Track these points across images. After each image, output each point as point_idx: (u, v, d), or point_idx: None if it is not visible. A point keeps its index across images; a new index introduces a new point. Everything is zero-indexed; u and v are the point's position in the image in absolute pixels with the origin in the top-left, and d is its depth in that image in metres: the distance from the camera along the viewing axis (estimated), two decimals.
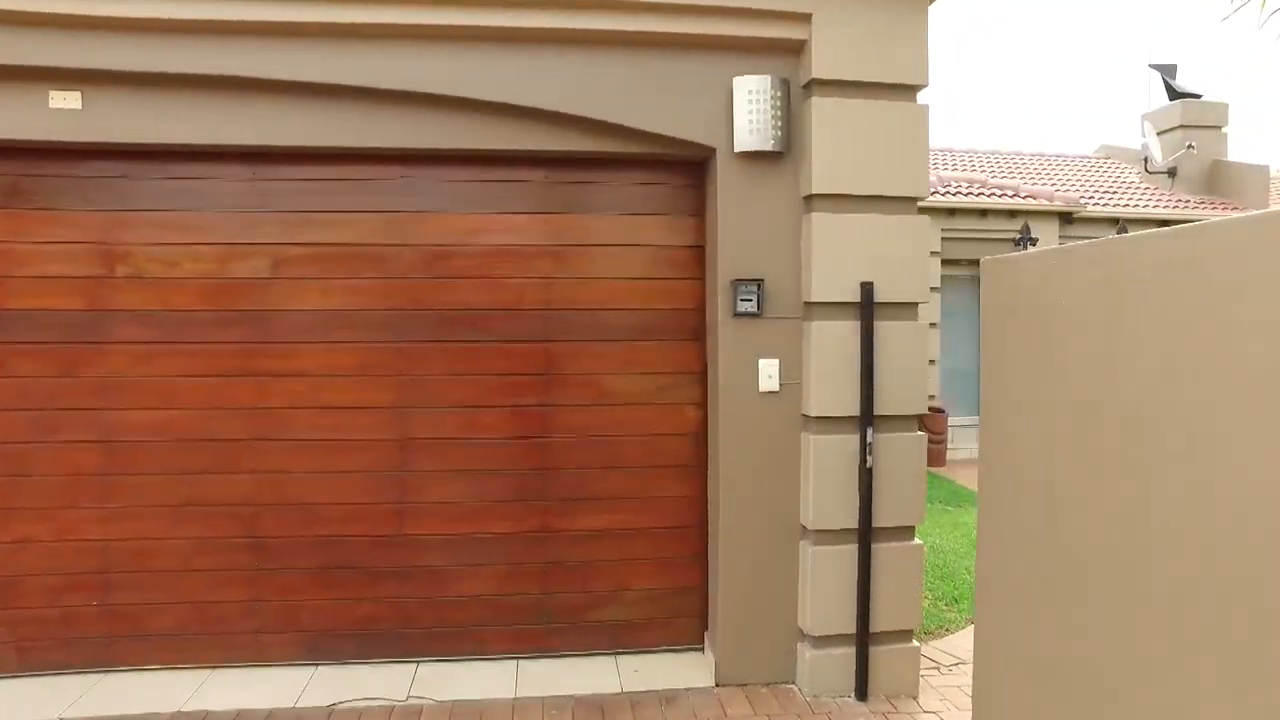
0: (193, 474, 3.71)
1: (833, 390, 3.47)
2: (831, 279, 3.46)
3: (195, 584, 3.75)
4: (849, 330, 3.47)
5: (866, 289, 3.45)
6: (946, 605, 4.92)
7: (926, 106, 3.54)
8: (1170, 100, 13.70)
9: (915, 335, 3.58)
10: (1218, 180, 13.02)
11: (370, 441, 3.78)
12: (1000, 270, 2.37)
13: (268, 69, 3.34)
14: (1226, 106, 13.42)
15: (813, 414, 3.48)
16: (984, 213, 10.93)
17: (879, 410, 3.49)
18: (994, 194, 11.08)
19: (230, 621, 3.78)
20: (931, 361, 11.19)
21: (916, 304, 3.60)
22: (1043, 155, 14.82)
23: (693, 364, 3.83)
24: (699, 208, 3.81)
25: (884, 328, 3.50)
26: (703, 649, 3.97)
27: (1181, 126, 13.28)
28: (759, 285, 3.50)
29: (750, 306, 3.50)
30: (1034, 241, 10.53)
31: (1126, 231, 3.85)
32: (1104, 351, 1.83)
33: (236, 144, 3.50)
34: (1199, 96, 13.48)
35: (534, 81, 3.44)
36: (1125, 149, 14.81)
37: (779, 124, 3.48)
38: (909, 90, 3.54)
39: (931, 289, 9.80)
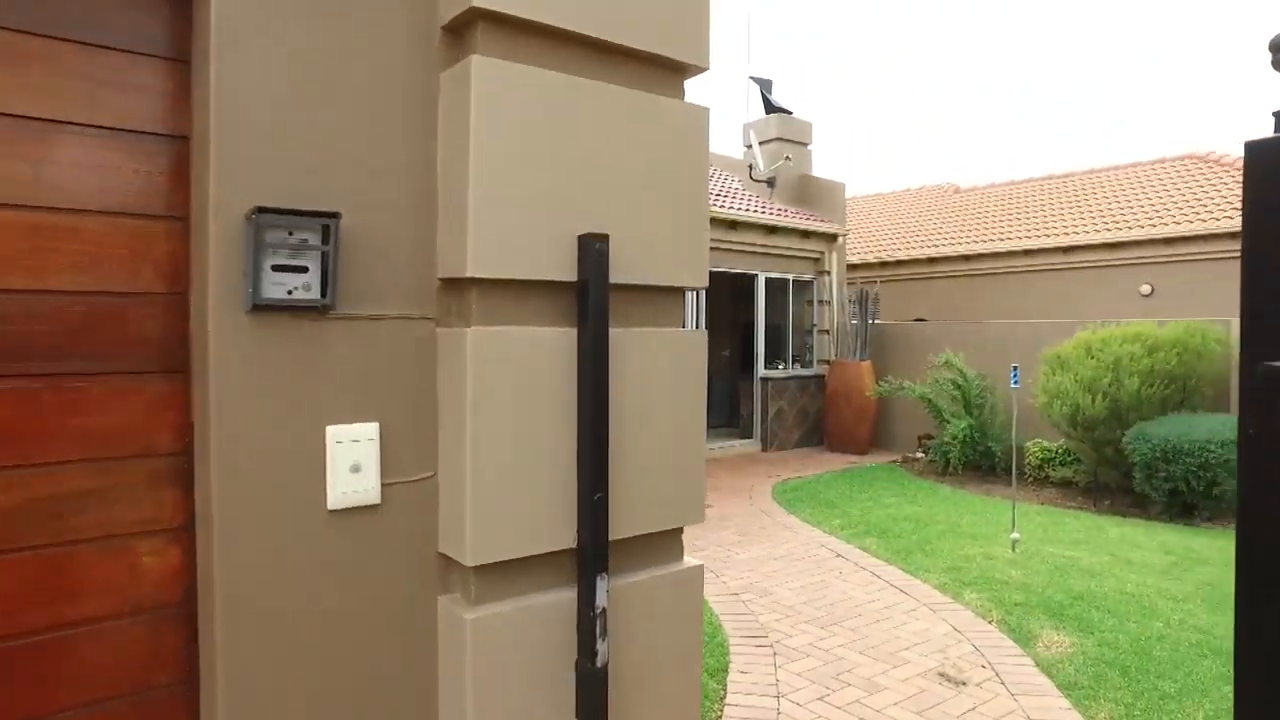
0: None
1: (516, 492, 1.45)
2: (513, 226, 1.44)
3: None
4: (552, 346, 1.50)
5: (591, 252, 1.50)
6: None
7: None
8: (767, 113, 14.05)
9: (690, 353, 1.73)
10: (806, 192, 13.57)
11: None
12: None
13: None
14: (811, 125, 14.13)
15: (472, 556, 1.41)
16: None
17: (622, 529, 1.57)
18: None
19: None
20: None
21: (684, 290, 1.76)
22: None
23: (159, 433, 1.48)
24: (184, 39, 1.49)
25: (631, 340, 1.59)
26: None
27: (778, 139, 13.64)
28: (327, 231, 1.35)
29: (303, 285, 1.34)
30: None
31: None
32: None
33: None
34: (790, 113, 14.00)
35: None
36: (726, 157, 14.99)
37: None
38: None
39: None
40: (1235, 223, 12.07)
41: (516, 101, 1.44)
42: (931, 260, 15.73)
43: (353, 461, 1.38)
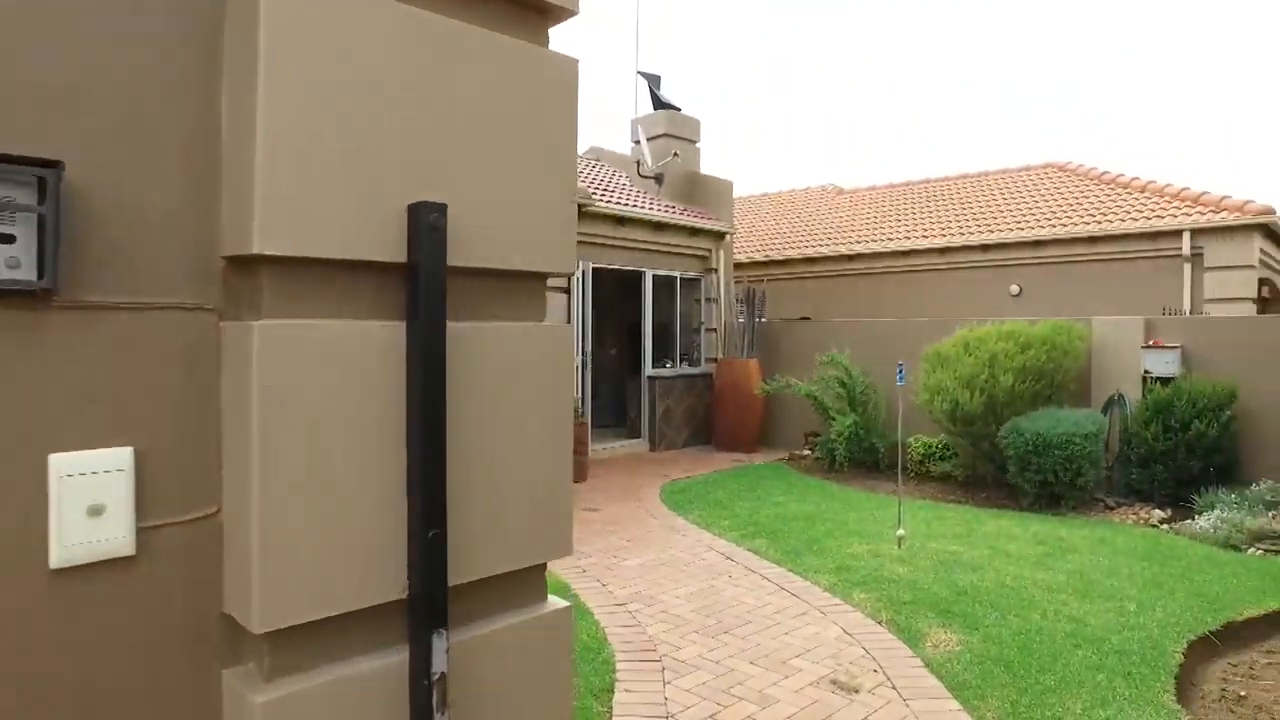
0: None
1: (324, 532, 1.12)
2: (320, 189, 1.12)
3: None
4: (373, 344, 1.18)
5: (424, 225, 1.19)
6: None
7: None
8: (655, 109, 13.91)
9: (554, 353, 1.43)
10: (694, 189, 13.51)
11: None
12: None
13: None
14: (699, 122, 14.09)
15: (261, 620, 1.08)
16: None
17: (467, 570, 1.26)
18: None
19: None
20: None
21: (547, 277, 1.46)
22: None
23: None
24: None
25: (478, 337, 1.28)
26: None
27: (666, 135, 13.52)
28: (44, 187, 0.98)
29: (7, 261, 0.97)
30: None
31: None
32: None
33: None
34: (679, 109, 13.91)
35: None
36: (614, 153, 14.77)
37: None
38: None
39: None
40: (1090, 228, 12.76)
41: (327, 28, 1.11)
42: (816, 259, 16.00)
43: (92, 501, 1.02)
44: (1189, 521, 7.36)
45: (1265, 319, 9.40)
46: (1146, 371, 8.79)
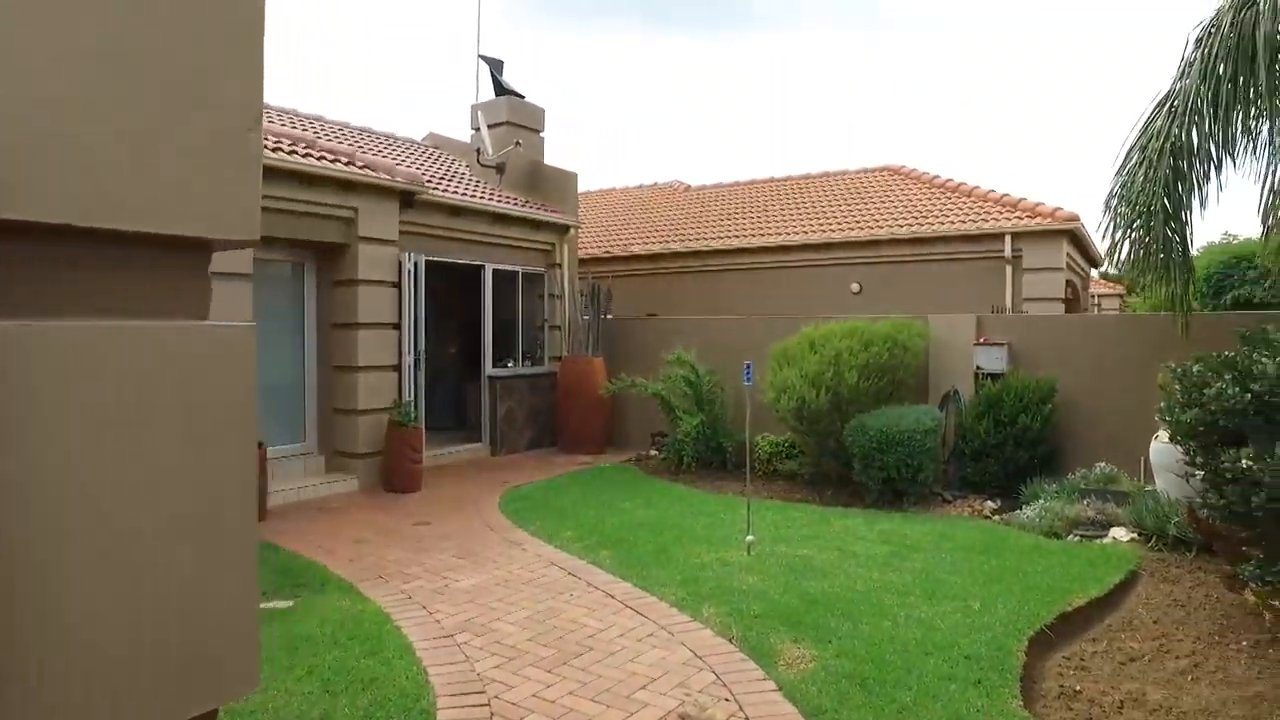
0: None
1: None
2: None
3: None
4: None
5: None
6: None
7: None
8: (497, 95, 13.23)
9: (219, 371, 0.86)
10: (538, 181, 12.95)
11: None
12: None
13: None
14: (543, 111, 13.53)
15: None
16: (309, 180, 8.40)
17: None
18: (324, 158, 8.64)
19: None
20: None
21: (210, 248, 0.89)
22: (371, 131, 13.00)
23: None
24: None
25: (63, 345, 0.71)
26: None
27: (509, 123, 12.88)
28: None
29: None
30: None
31: None
32: None
33: None
34: (522, 96, 13.29)
35: None
36: (454, 140, 13.99)
37: None
38: None
39: (241, 275, 6.90)
40: (923, 229, 13.23)
41: None
42: (663, 256, 15.82)
43: None
44: (1017, 512, 7.58)
45: (1081, 317, 9.96)
46: (979, 368, 9.06)
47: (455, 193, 10.70)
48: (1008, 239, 12.33)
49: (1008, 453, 8.26)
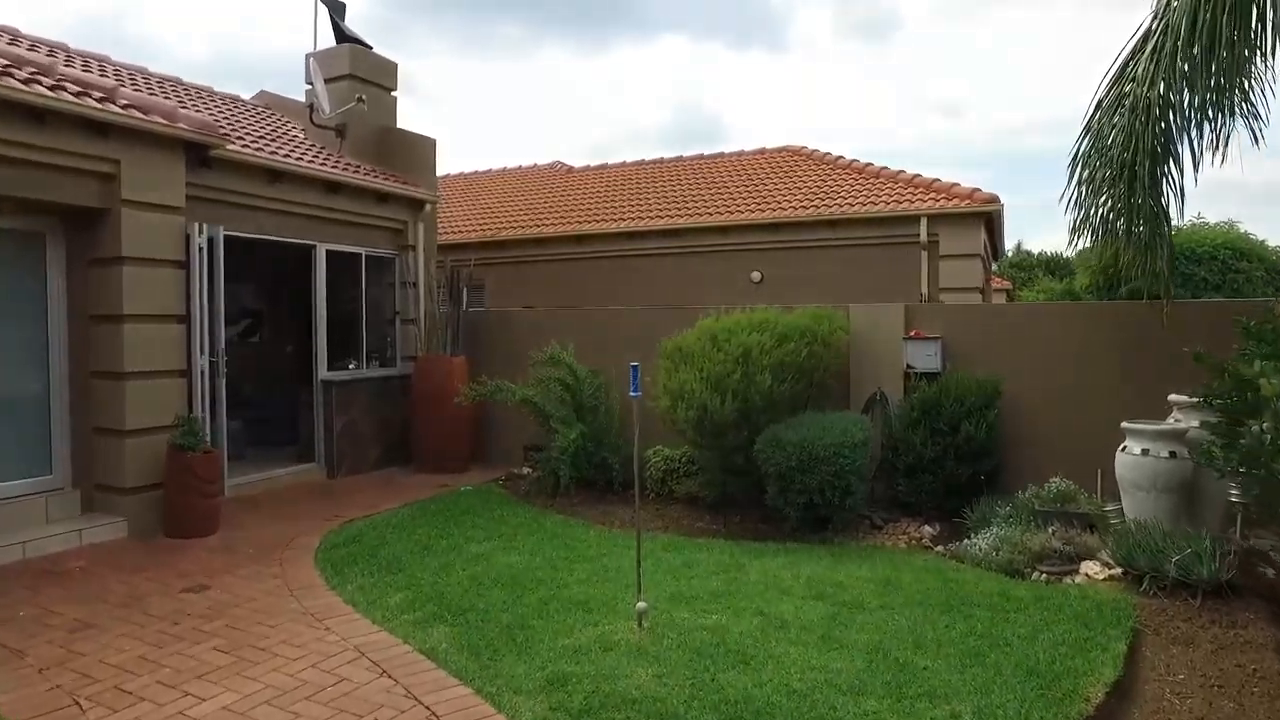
0: None
1: None
2: None
3: None
4: None
5: None
6: None
7: None
8: (338, 42, 11.07)
9: None
10: (387, 148, 10.89)
11: None
12: None
13: None
14: (396, 66, 11.45)
15: None
16: (41, 117, 6.17)
17: None
18: (61, 86, 6.40)
19: None
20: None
21: None
22: (180, 82, 10.59)
23: None
24: None
25: None
26: None
27: (351, 76, 10.75)
28: None
29: None
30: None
31: None
32: None
33: None
34: (369, 46, 11.18)
35: None
36: (291, 100, 11.71)
37: None
38: None
39: None
40: (831, 210, 11.91)
41: None
42: (541, 241, 14.00)
43: None
44: (967, 543, 6.19)
45: (1026, 307, 8.75)
46: (909, 366, 7.68)
47: (277, 155, 8.54)
48: (923, 222, 11.14)
49: (947, 467, 6.88)
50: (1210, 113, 5.22)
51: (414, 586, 5.39)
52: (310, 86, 10.62)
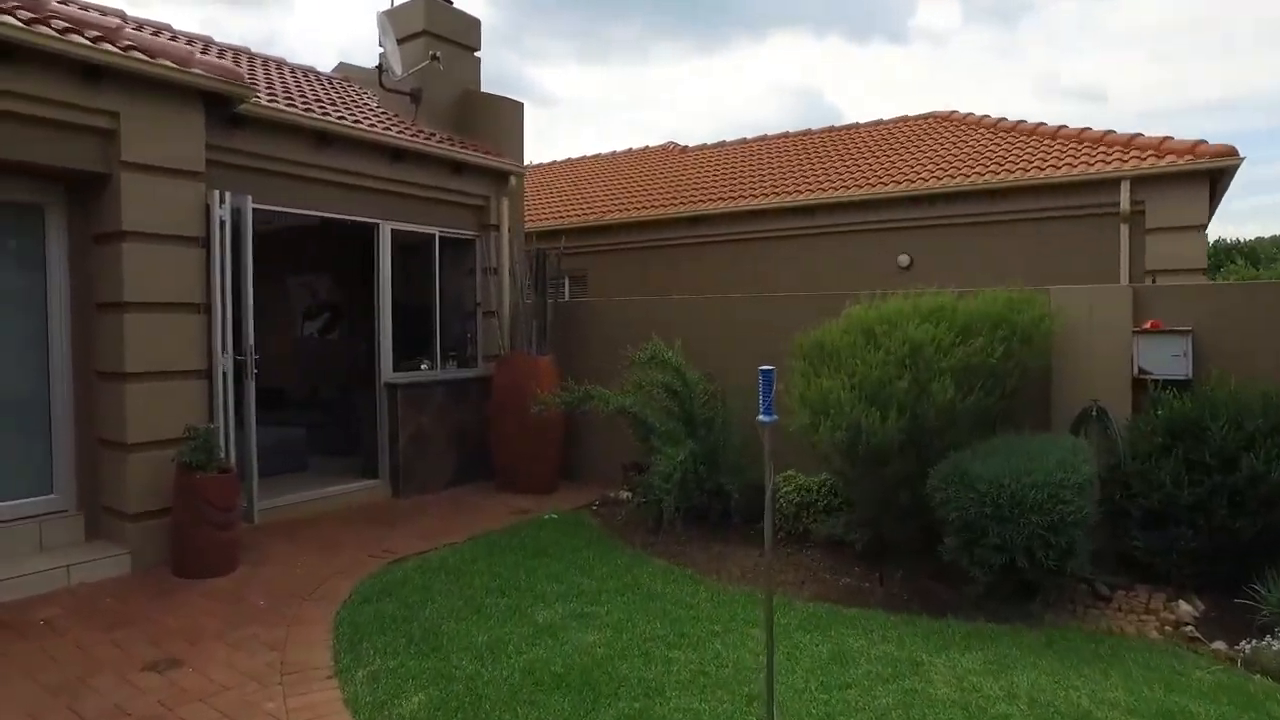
0: None
1: None
2: None
3: None
4: None
5: None
6: None
7: None
8: None
9: None
10: (470, 113, 9.48)
11: None
12: None
13: None
14: (479, 23, 10.04)
15: None
16: (29, 57, 4.96)
17: None
18: (39, 20, 5.19)
19: None
20: None
21: None
22: (247, 51, 9.53)
23: None
24: None
25: None
26: None
27: (427, 33, 9.39)
28: None
29: None
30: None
31: None
32: None
33: None
34: (450, 1, 9.82)
35: None
36: (368, 70, 10.50)
37: None
38: None
39: None
40: (1001, 178, 9.70)
41: None
42: (646, 224, 12.36)
43: None
44: (1270, 641, 4.08)
45: None
46: (1142, 370, 5.54)
47: (326, 116, 7.21)
48: (1125, 187, 8.78)
49: (1217, 518, 4.75)
50: None
51: (444, 680, 3.79)
52: (382, 50, 9.33)
